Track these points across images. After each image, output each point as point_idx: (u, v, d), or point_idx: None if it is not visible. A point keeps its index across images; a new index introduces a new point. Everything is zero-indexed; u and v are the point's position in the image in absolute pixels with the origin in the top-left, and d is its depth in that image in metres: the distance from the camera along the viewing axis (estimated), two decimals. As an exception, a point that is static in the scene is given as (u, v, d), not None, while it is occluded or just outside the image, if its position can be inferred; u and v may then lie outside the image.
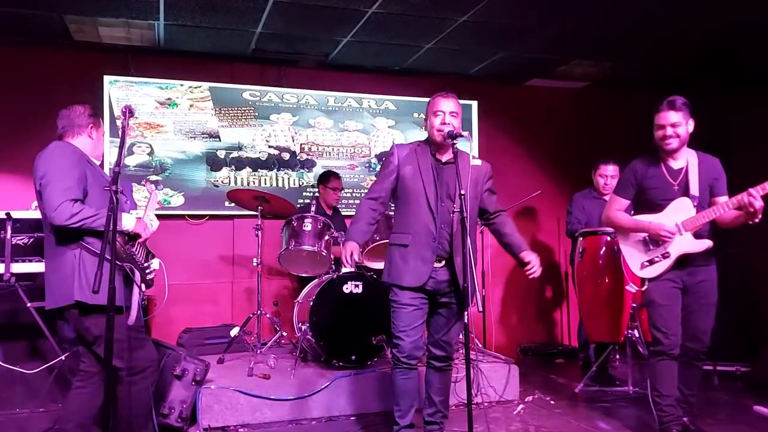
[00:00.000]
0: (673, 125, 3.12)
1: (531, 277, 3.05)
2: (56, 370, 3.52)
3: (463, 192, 2.67)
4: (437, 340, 3.03)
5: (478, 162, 2.81)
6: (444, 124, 2.91)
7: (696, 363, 3.25)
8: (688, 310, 3.18)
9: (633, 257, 3.30)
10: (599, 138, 5.97)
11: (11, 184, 4.58)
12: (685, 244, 3.13)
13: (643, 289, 3.22)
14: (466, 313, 2.65)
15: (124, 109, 2.42)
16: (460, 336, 3.18)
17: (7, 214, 3.44)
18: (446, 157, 2.99)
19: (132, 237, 2.70)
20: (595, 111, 6.22)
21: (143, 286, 2.73)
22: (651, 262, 3.22)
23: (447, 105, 2.96)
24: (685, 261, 3.17)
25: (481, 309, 2.55)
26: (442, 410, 3.05)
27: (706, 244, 3.12)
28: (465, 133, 2.78)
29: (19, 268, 3.43)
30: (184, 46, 4.97)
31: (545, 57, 5.31)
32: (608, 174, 4.67)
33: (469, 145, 2.80)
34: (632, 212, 3.45)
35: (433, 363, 3.05)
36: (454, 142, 2.82)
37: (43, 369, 3.62)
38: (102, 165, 4.18)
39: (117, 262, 2.54)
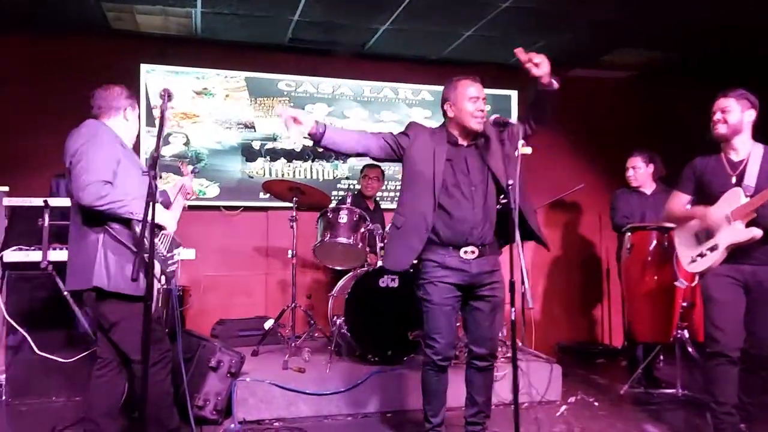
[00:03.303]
0: (723, 110, 3.01)
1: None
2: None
3: (511, 182, 2.55)
4: (478, 337, 2.89)
5: (528, 150, 2.68)
6: (481, 110, 2.80)
7: (761, 371, 3.05)
8: (752, 313, 2.97)
9: (684, 251, 3.19)
10: (645, 130, 5.75)
11: (48, 172, 4.57)
12: (733, 234, 2.94)
13: (693, 284, 3.07)
14: (513, 310, 2.52)
15: (162, 92, 2.36)
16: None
17: (45, 201, 3.42)
18: (468, 141, 2.87)
19: (158, 227, 2.62)
20: (641, 102, 6.00)
21: (163, 278, 2.66)
22: (700, 255, 3.07)
23: (479, 90, 2.84)
24: (744, 257, 2.97)
25: (531, 305, 2.41)
26: (485, 410, 2.93)
27: (753, 232, 2.90)
28: (513, 121, 2.65)
29: (57, 255, 3.41)
30: (221, 35, 4.92)
31: (590, 45, 5.12)
32: (631, 165, 4.53)
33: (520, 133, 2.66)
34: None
35: (475, 363, 2.91)
36: (502, 130, 2.70)
37: (79, 357, 3.61)
38: (138, 152, 4.19)
39: (137, 252, 2.48)
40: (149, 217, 2.15)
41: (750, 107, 3.02)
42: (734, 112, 3.00)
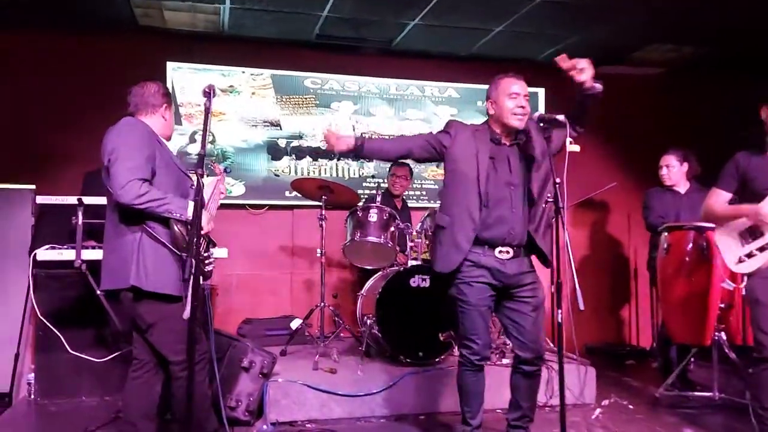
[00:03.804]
0: None
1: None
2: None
3: (558, 180, 2.48)
4: (523, 342, 2.81)
5: (576, 148, 2.62)
6: (521, 107, 2.75)
7: None
8: None
9: (729, 251, 3.05)
10: (676, 128, 5.64)
11: (75, 169, 4.56)
12: None
13: (742, 285, 2.97)
14: (559, 311, 2.46)
15: (207, 89, 2.31)
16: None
17: (79, 199, 3.38)
18: (510, 140, 2.82)
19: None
20: (672, 99, 5.88)
21: (201, 278, 2.62)
22: (749, 255, 2.96)
23: (522, 87, 2.79)
24: None
25: (583, 308, 2.34)
26: (529, 415, 2.87)
27: None
28: (561, 117, 2.58)
29: (90, 254, 3.37)
30: (248, 32, 4.88)
31: (622, 41, 5.03)
32: (665, 164, 4.42)
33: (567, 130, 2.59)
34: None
35: (522, 368, 2.84)
36: (547, 126, 2.63)
37: (112, 357, 3.59)
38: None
39: (176, 252, 2.45)
40: (196, 217, 2.09)
41: None
42: None
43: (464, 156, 2.78)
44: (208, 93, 2.29)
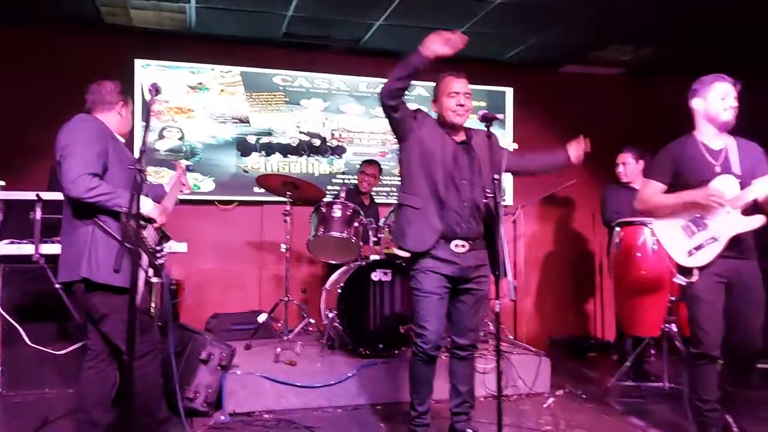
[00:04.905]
0: (736, 98, 2.94)
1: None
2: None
3: (497, 177, 2.59)
4: (462, 329, 2.95)
5: (514, 146, 2.71)
6: (460, 105, 2.87)
7: (743, 362, 3.00)
8: (737, 308, 2.91)
9: (676, 245, 3.01)
10: (636, 127, 5.77)
11: (41, 166, 4.61)
12: (735, 224, 2.87)
13: (693, 279, 2.97)
14: (497, 302, 2.56)
15: (151, 87, 2.39)
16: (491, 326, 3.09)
17: (37, 195, 3.45)
18: (460, 137, 2.93)
19: (147, 220, 2.67)
20: (631, 99, 6.02)
21: (150, 271, 2.69)
22: (698, 247, 2.94)
23: (461, 85, 2.89)
24: (727, 250, 2.90)
25: (513, 298, 2.45)
26: (469, 400, 2.98)
27: (760, 220, 2.86)
28: (500, 116, 2.68)
29: (49, 248, 3.44)
30: (215, 30, 4.94)
31: (581, 42, 5.15)
32: (622, 161, 4.57)
33: (505, 127, 2.70)
34: None
35: (457, 352, 2.97)
36: (489, 125, 2.74)
37: (71, 350, 3.65)
38: (132, 146, 4.22)
39: (126, 244, 2.51)
40: (134, 210, 2.18)
41: None
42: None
43: (431, 142, 2.86)
44: (151, 90, 2.37)
